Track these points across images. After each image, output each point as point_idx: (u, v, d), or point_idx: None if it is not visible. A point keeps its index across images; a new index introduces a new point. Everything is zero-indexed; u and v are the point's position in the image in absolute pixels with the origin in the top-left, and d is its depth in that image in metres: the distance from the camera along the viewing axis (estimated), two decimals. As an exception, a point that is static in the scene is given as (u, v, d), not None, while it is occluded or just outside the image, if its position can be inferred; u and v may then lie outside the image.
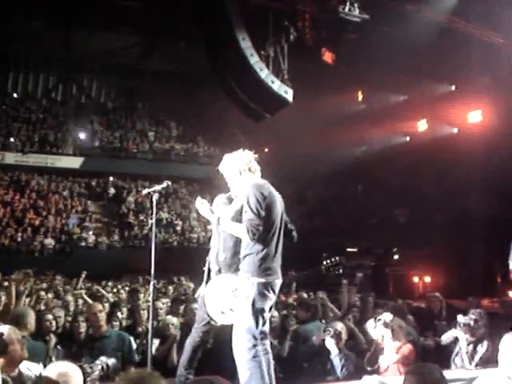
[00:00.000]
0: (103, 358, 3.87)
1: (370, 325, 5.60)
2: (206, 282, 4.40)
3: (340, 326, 5.76)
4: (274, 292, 4.04)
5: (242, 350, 3.89)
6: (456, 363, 5.54)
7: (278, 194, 4.24)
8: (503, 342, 3.28)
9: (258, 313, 3.94)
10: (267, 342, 4.05)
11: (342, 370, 5.44)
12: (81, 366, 3.45)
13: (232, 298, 4.19)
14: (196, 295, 4.49)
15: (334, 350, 5.52)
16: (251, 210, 3.99)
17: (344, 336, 5.69)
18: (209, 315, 4.28)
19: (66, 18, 24.10)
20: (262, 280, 3.97)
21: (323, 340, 5.65)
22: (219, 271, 4.36)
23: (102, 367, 3.82)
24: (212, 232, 4.58)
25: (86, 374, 3.52)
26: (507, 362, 3.17)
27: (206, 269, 4.46)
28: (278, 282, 4.11)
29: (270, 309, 4.13)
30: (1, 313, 5.52)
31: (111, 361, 3.89)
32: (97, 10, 21.86)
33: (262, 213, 3.99)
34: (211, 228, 4.61)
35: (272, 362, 4.02)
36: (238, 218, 4.15)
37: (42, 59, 30.19)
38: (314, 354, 5.78)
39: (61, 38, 27.37)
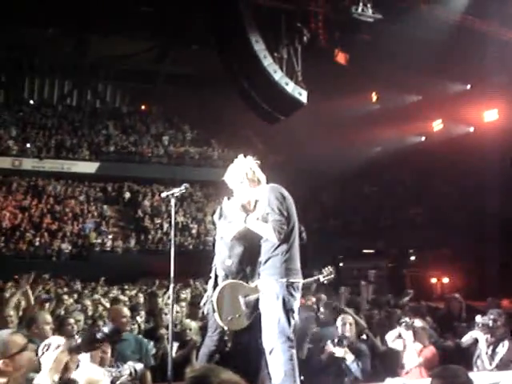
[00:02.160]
0: (131, 363, 3.89)
1: (389, 337, 5.55)
2: (214, 288, 4.37)
3: (349, 320, 5.67)
4: (299, 291, 4.09)
5: (277, 352, 3.88)
6: (478, 365, 5.47)
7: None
8: None
9: (289, 313, 3.96)
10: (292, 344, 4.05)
11: (361, 373, 5.41)
12: (109, 371, 3.47)
13: (242, 303, 4.19)
14: (203, 302, 4.48)
15: (349, 357, 5.43)
16: (273, 210, 4.02)
17: (353, 328, 5.63)
18: (218, 321, 4.25)
19: (80, 25, 24.30)
20: (290, 280, 4.00)
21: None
22: (226, 277, 4.33)
23: (130, 372, 3.83)
24: (216, 238, 4.57)
25: (114, 379, 3.54)
26: None
27: (212, 275, 4.46)
28: (301, 282, 4.15)
29: None
30: (22, 317, 5.56)
31: (139, 366, 3.90)
32: (110, 16, 22.02)
33: (285, 213, 4.03)
34: (216, 233, 4.60)
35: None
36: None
37: (57, 66, 30.45)
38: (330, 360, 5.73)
39: (75, 45, 27.62)
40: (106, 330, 3.22)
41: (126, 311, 5.37)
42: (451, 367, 2.99)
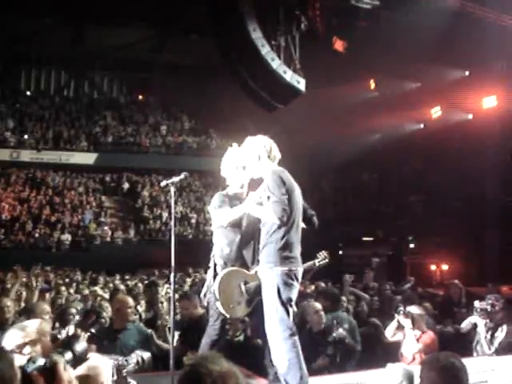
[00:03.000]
0: (138, 352, 3.90)
1: (389, 330, 5.57)
2: (214, 278, 4.37)
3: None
4: (297, 280, 4.03)
5: (279, 341, 3.87)
6: (477, 350, 5.51)
7: (295, 182, 4.23)
8: None
9: (286, 302, 3.92)
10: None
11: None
12: (116, 359, 3.48)
13: (241, 291, 4.19)
14: (203, 291, 4.47)
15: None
16: (274, 194, 3.97)
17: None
18: (219, 309, 4.26)
19: (77, 15, 24.18)
20: (286, 268, 3.94)
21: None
22: (225, 265, 4.33)
23: (138, 361, 3.84)
24: (213, 228, 4.57)
25: (121, 367, 3.56)
26: None
27: (211, 265, 4.45)
28: (301, 270, 4.10)
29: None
30: (24, 309, 5.57)
31: (146, 355, 3.91)
32: (107, 5, 21.91)
33: (284, 196, 3.97)
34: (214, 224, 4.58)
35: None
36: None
37: (54, 56, 30.31)
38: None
39: (71, 35, 27.49)
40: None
41: (131, 301, 5.40)
42: (442, 353, 2.98)
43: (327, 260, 4.98)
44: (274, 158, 4.27)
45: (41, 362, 2.49)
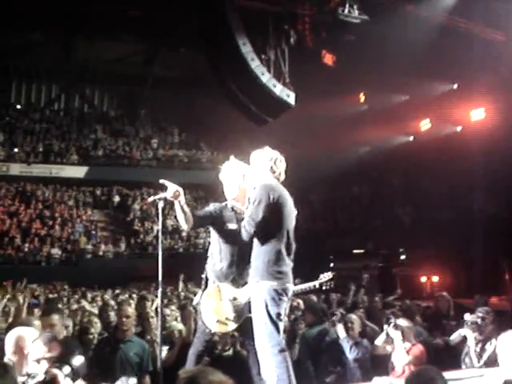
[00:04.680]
0: (123, 378, 3.90)
1: (377, 345, 5.60)
2: (204, 290, 4.37)
3: (354, 317, 5.81)
4: (286, 295, 3.98)
5: (268, 356, 3.85)
6: (466, 363, 5.52)
7: (290, 197, 4.20)
8: (501, 340, 3.22)
9: (274, 318, 3.88)
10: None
11: (350, 350, 5.52)
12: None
13: (230, 306, 4.17)
14: (194, 303, 4.46)
15: (341, 334, 5.68)
16: (253, 206, 3.99)
17: (357, 327, 5.73)
18: (204, 323, 4.25)
19: (67, 28, 24.23)
20: (274, 283, 3.91)
21: (333, 325, 5.80)
22: (217, 280, 4.32)
23: None
24: (211, 240, 4.53)
25: None
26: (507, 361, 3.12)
27: (204, 277, 4.44)
28: (290, 287, 4.06)
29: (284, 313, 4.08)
30: (11, 324, 5.53)
31: (132, 381, 3.90)
32: (97, 19, 21.97)
33: (263, 212, 3.95)
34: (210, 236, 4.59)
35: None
36: None
37: (44, 70, 30.32)
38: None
39: (62, 48, 27.51)
40: None
41: (129, 313, 5.43)
42: (423, 369, 3.00)
43: (332, 282, 4.88)
44: (278, 173, 4.24)
45: (40, 376, 2.51)
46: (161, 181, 4.17)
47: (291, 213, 4.15)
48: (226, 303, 4.19)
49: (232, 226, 4.28)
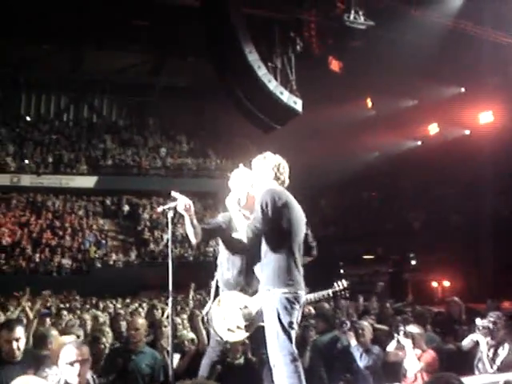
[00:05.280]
0: None
1: (389, 352, 5.58)
2: (214, 299, 4.35)
3: (365, 323, 5.79)
4: (298, 303, 3.93)
5: (280, 366, 3.80)
6: (479, 368, 5.47)
7: (297, 204, 4.16)
8: None
9: (287, 327, 3.83)
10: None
11: (361, 358, 5.49)
12: None
13: (240, 315, 4.16)
14: (205, 312, 4.42)
15: (352, 342, 5.65)
16: (257, 210, 3.95)
17: (368, 334, 5.71)
18: (215, 332, 4.23)
19: (75, 40, 24.43)
20: (285, 291, 3.86)
21: (344, 332, 5.79)
22: (226, 289, 4.30)
23: None
24: (219, 249, 4.52)
25: None
26: None
27: (213, 284, 4.41)
28: (302, 294, 4.01)
29: (296, 323, 4.01)
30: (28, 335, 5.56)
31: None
32: (104, 30, 22.14)
33: (269, 218, 3.92)
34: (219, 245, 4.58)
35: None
36: None
37: (53, 81, 30.58)
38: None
39: (70, 60, 27.75)
40: None
41: (139, 325, 5.42)
42: (444, 375, 2.95)
43: (347, 292, 4.77)
44: (282, 180, 4.20)
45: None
46: (172, 193, 4.16)
47: (299, 219, 4.09)
48: (237, 312, 4.17)
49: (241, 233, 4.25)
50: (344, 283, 4.75)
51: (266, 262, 3.97)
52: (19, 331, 4.23)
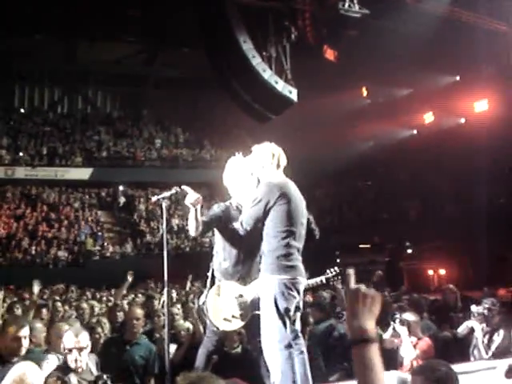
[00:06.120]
0: None
1: (385, 339, 5.59)
2: (210, 288, 4.34)
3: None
4: (297, 290, 3.93)
5: (274, 351, 3.82)
6: (475, 355, 5.51)
7: (298, 192, 4.18)
8: None
9: (283, 313, 3.84)
10: (301, 342, 3.99)
11: None
12: None
13: (235, 304, 4.16)
14: (201, 302, 4.41)
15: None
16: (253, 202, 3.99)
17: None
18: (211, 321, 4.23)
19: (68, 31, 24.28)
20: (284, 277, 3.88)
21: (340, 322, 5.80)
22: (223, 279, 4.29)
23: None
24: (215, 239, 4.51)
25: None
26: None
27: (209, 275, 4.40)
28: (302, 280, 4.02)
29: (298, 308, 4.05)
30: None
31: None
32: (98, 21, 22.01)
33: (261, 209, 3.96)
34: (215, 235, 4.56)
35: (307, 362, 3.94)
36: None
37: (47, 73, 30.42)
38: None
39: (63, 51, 27.58)
40: None
41: (140, 314, 5.42)
42: (430, 362, 2.95)
43: (339, 277, 4.86)
44: (282, 169, 4.22)
45: None
46: (183, 187, 4.16)
47: (299, 207, 4.09)
48: (232, 301, 4.18)
49: (237, 224, 4.26)
50: (336, 269, 4.79)
51: (267, 251, 3.98)
52: (27, 329, 4.21)
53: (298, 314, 4.10)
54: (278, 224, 3.98)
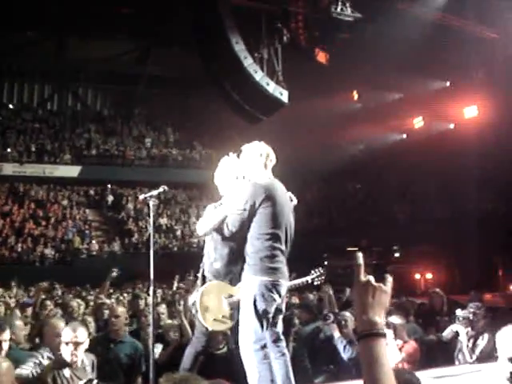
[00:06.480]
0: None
1: None
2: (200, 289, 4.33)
3: (348, 314, 5.82)
4: (278, 292, 3.92)
5: (249, 352, 3.82)
6: (459, 359, 5.53)
7: (285, 193, 4.18)
8: (500, 335, 3.21)
9: (261, 314, 3.84)
10: (282, 344, 3.99)
11: (344, 350, 5.51)
12: None
13: (225, 304, 4.16)
14: (190, 302, 4.41)
15: (336, 334, 5.67)
16: (238, 205, 4.00)
17: (351, 324, 5.74)
18: (201, 322, 4.21)
19: (59, 27, 24.15)
20: (265, 279, 3.87)
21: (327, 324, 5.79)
22: (214, 279, 4.28)
23: None
24: (206, 239, 4.50)
25: None
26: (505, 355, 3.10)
27: (200, 275, 4.39)
28: (284, 283, 4.01)
29: (280, 311, 4.06)
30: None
31: None
32: (89, 18, 21.91)
33: (246, 211, 3.96)
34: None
35: (289, 364, 3.94)
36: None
37: (37, 69, 30.18)
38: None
39: (54, 48, 27.40)
40: None
41: (119, 312, 5.42)
42: (398, 371, 2.92)
43: (323, 278, 4.87)
44: (270, 169, 4.23)
45: None
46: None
47: (284, 210, 4.07)
48: (222, 301, 4.17)
49: (223, 225, 4.24)
50: (320, 270, 4.82)
51: (251, 252, 3.99)
52: (8, 332, 4.15)
53: (281, 316, 4.10)
54: (262, 226, 3.98)
